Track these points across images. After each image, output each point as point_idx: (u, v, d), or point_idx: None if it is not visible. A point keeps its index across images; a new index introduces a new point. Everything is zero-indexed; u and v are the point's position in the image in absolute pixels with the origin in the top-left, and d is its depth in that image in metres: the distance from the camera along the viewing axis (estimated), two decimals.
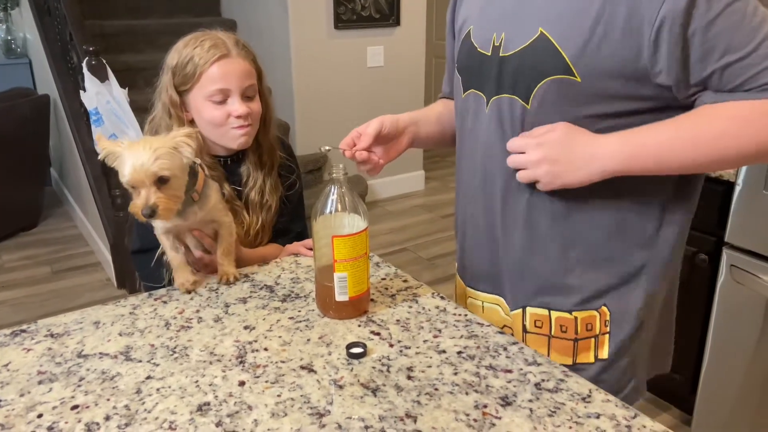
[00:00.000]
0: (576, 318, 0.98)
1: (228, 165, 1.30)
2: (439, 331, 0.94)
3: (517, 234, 0.99)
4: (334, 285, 0.96)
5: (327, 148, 1.07)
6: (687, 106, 0.85)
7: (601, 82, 0.85)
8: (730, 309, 1.67)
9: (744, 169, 1.55)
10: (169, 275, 1.23)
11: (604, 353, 0.98)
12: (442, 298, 1.05)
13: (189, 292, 1.07)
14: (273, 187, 1.34)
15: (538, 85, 0.89)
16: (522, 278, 1.01)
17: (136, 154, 0.98)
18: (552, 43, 0.86)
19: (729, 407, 1.73)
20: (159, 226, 1.12)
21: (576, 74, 0.85)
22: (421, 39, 4.12)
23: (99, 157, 1.01)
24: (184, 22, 3.93)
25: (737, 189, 1.58)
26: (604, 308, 0.97)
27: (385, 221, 3.88)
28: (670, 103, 0.85)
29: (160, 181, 0.99)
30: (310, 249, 1.22)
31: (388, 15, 3.90)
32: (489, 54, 0.95)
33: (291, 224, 1.39)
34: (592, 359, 0.98)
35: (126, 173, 0.98)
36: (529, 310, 1.01)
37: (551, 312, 0.99)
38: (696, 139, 0.82)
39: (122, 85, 2.75)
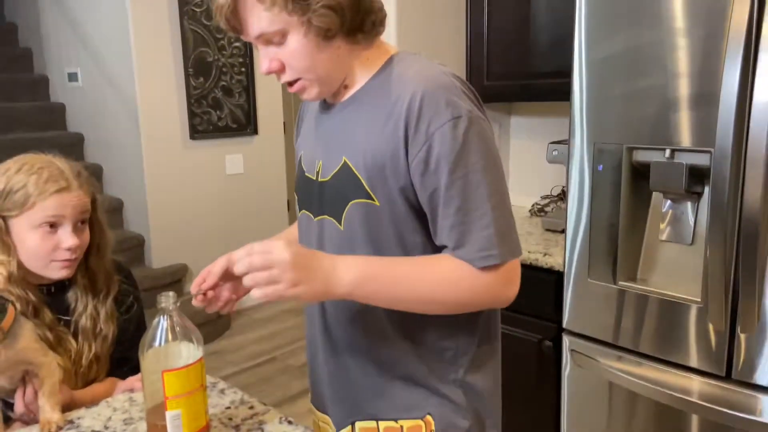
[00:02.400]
0: (402, 426, 1.00)
1: (52, 292, 1.21)
2: None
3: (340, 353, 1.03)
4: (167, 425, 0.89)
5: (168, 302, 0.97)
6: None
7: (396, 207, 0.92)
8: (578, 393, 1.76)
9: (575, 258, 1.69)
10: None
11: None
12: (290, 422, 1.00)
13: None
14: (108, 315, 1.25)
15: (346, 208, 0.95)
16: (347, 395, 1.05)
17: None
18: (353, 170, 0.94)
19: None
20: None
21: (375, 198, 0.93)
22: (279, 146, 4.21)
23: None
24: (24, 137, 3.72)
25: (566, 277, 1.72)
26: (429, 417, 1.00)
27: (252, 330, 3.74)
28: None
29: None
30: None
31: (246, 124, 3.96)
32: (314, 178, 1.02)
33: (130, 353, 1.30)
34: None
35: None
36: (358, 425, 1.03)
37: (379, 423, 1.02)
38: (422, 280, 0.91)
39: None
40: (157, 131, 3.58)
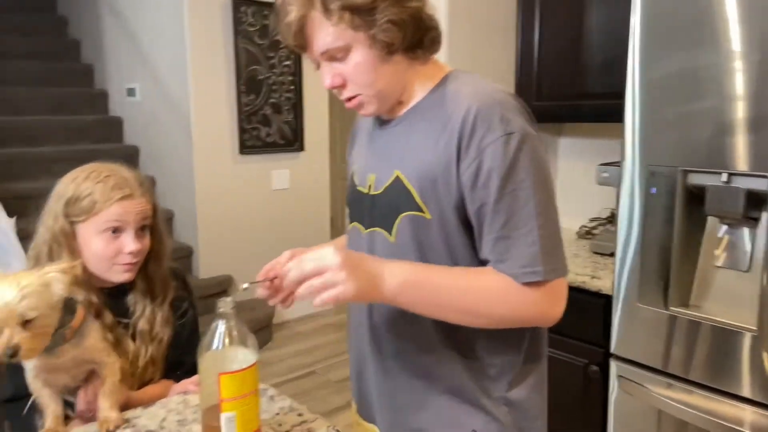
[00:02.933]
0: None
1: (113, 295, 1.26)
2: None
3: (387, 365, 1.05)
4: (221, 427, 0.91)
5: (245, 285, 1.04)
6: None
7: (447, 220, 0.95)
8: (625, 420, 1.72)
9: (624, 281, 1.66)
10: (43, 423, 1.13)
11: None
12: (337, 431, 1.02)
13: None
14: (165, 320, 1.30)
15: (397, 221, 0.98)
16: (394, 406, 1.06)
17: (1, 291, 0.93)
18: (405, 183, 0.97)
19: None
20: (29, 367, 1.05)
21: (426, 211, 0.95)
22: (325, 163, 4.27)
23: None
24: (83, 149, 3.88)
25: (615, 301, 1.69)
26: None
27: (293, 343, 3.78)
28: None
29: (26, 321, 0.94)
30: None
31: (293, 141, 4.05)
32: (366, 192, 1.06)
33: (184, 357, 1.34)
34: None
35: None
36: None
37: None
38: (466, 291, 0.92)
39: (13, 213, 2.63)
40: (209, 146, 3.69)
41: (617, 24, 1.76)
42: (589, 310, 1.83)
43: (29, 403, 1.13)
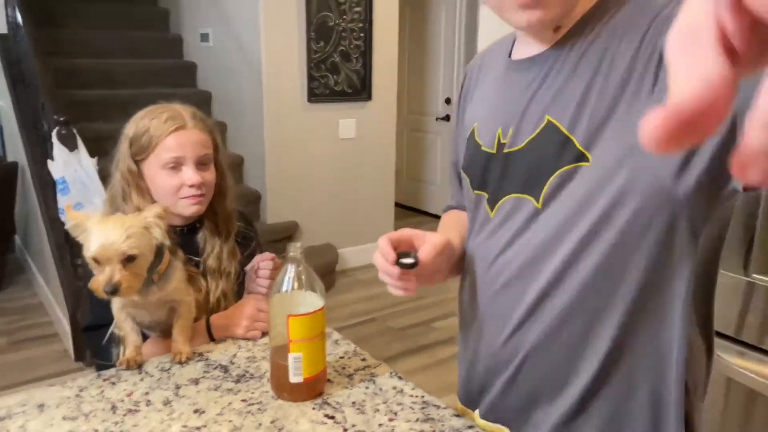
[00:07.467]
0: None
1: (184, 234, 1.31)
2: (395, 414, 0.92)
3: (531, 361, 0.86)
4: (288, 366, 0.95)
5: (297, 245, 1.02)
6: None
7: (612, 167, 0.75)
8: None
9: None
10: (118, 353, 1.20)
11: None
12: (399, 378, 1.04)
13: (129, 368, 1.06)
14: (230, 254, 1.34)
15: (550, 179, 0.79)
16: (537, 402, 0.87)
17: (106, 230, 0.98)
18: (560, 128, 0.78)
19: None
20: (116, 301, 1.11)
21: (589, 157, 0.76)
22: (392, 112, 4.24)
23: (66, 227, 1.01)
24: (158, 92, 3.98)
25: None
26: None
27: (355, 290, 3.86)
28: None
29: (127, 260, 0.99)
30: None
31: (360, 90, 4.02)
32: (493, 152, 0.88)
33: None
34: None
35: (93, 248, 0.98)
36: None
37: None
38: None
39: (93, 153, 2.75)
40: (278, 93, 3.72)
41: None
42: None
43: (108, 332, 1.21)
